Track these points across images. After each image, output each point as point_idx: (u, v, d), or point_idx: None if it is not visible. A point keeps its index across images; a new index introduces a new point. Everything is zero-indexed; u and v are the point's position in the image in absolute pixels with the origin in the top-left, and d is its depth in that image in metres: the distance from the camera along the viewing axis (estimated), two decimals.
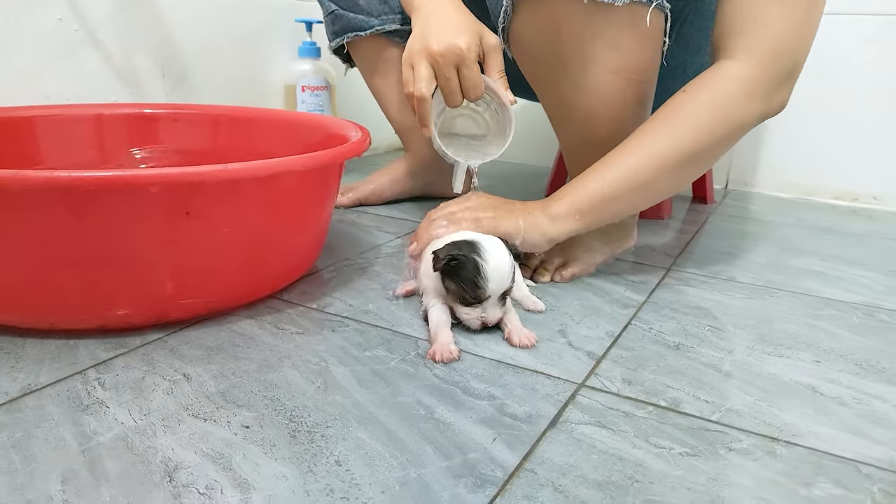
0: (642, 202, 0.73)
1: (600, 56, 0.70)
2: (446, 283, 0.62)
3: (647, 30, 0.68)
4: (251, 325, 0.62)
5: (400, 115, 1.11)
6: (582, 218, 0.71)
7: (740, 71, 0.67)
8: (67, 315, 0.57)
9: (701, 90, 0.69)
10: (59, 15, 0.91)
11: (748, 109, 0.68)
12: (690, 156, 0.69)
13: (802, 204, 1.26)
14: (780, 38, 0.67)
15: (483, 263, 0.59)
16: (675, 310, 0.70)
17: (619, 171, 0.70)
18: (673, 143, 0.69)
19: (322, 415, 0.48)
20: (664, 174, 0.69)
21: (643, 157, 0.69)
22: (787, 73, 0.68)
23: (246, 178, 0.56)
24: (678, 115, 0.69)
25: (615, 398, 0.52)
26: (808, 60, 0.68)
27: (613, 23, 0.67)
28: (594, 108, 0.74)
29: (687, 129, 0.69)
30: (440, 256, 0.60)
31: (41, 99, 0.90)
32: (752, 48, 0.67)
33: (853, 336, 0.65)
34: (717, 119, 0.68)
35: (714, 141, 0.69)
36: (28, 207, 0.51)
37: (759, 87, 0.68)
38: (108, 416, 0.47)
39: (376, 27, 1.02)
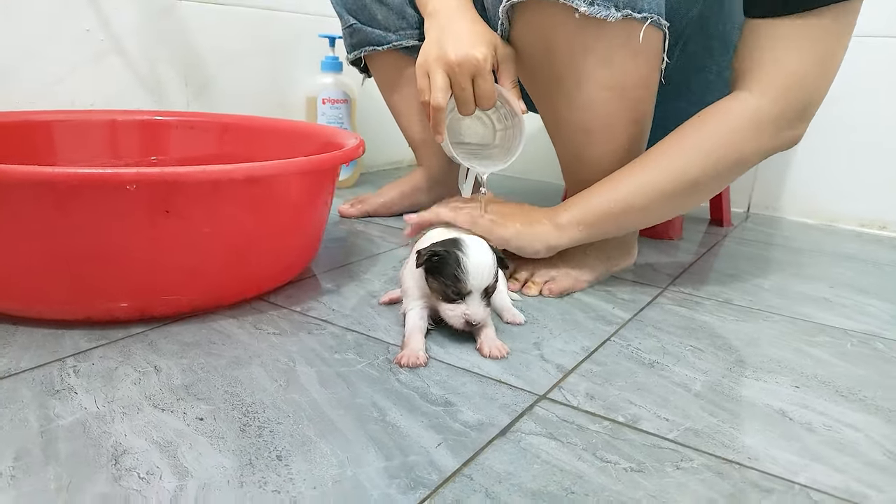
0: (644, 221, 0.76)
1: (593, 72, 0.70)
2: (430, 282, 0.62)
3: (640, 47, 0.68)
4: (231, 325, 0.64)
5: (414, 129, 1.13)
6: (585, 229, 0.73)
7: (753, 104, 0.68)
8: (54, 306, 0.60)
9: (713, 118, 0.71)
10: (87, 26, 0.96)
11: (755, 143, 0.69)
12: (694, 183, 0.71)
13: (826, 230, 1.22)
14: (796, 77, 0.67)
15: (464, 258, 0.59)
16: (660, 329, 0.69)
17: (626, 191, 0.72)
18: (678, 168, 0.71)
19: (276, 412, 0.49)
20: (667, 198, 0.72)
21: (650, 179, 0.71)
22: (801, 111, 0.69)
23: (224, 181, 0.58)
24: (688, 140, 0.71)
25: (573, 411, 0.52)
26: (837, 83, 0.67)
27: (606, 39, 0.68)
28: (588, 124, 0.74)
29: (694, 156, 0.70)
30: (422, 254, 0.61)
31: (66, 105, 0.95)
32: (768, 84, 0.68)
33: (841, 363, 0.63)
34: (723, 149, 0.70)
35: (719, 170, 0.71)
36: (15, 201, 0.54)
37: (769, 122, 0.69)
38: (74, 401, 0.49)
39: (394, 42, 1.04)
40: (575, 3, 0.64)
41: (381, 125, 1.47)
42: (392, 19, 1.04)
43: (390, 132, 1.39)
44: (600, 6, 0.64)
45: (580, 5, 0.64)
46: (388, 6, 1.01)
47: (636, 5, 0.65)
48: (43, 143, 0.84)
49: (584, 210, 0.73)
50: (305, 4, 1.30)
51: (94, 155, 0.88)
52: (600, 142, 0.75)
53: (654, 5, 0.67)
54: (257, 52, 1.24)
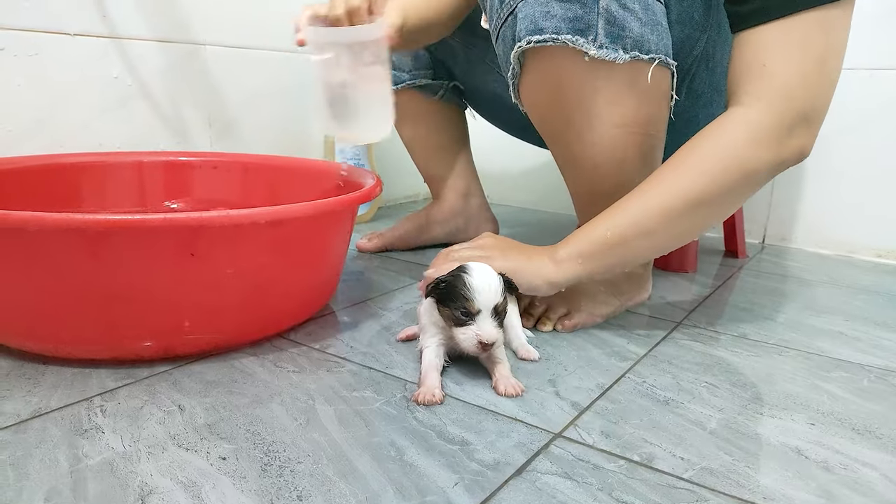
0: (648, 250, 0.73)
1: (603, 111, 0.72)
2: (441, 311, 0.63)
3: (649, 86, 0.70)
4: (252, 363, 0.66)
5: (428, 164, 1.15)
6: (585, 263, 0.70)
7: (747, 117, 0.66)
8: (83, 346, 0.62)
9: (708, 138, 0.69)
10: (115, 73, 1.01)
11: (755, 156, 0.66)
12: (696, 203, 0.68)
13: (842, 261, 1.21)
14: (788, 84, 0.65)
15: (468, 278, 0.61)
16: (675, 365, 0.70)
17: (624, 218, 0.70)
18: (678, 190, 0.68)
19: (296, 451, 0.51)
20: (670, 222, 0.69)
21: (648, 204, 0.69)
22: (799, 118, 0.66)
23: (246, 224, 0.60)
24: (684, 162, 0.69)
25: (589, 450, 0.52)
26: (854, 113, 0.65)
27: (615, 80, 0.69)
28: (599, 161, 0.75)
29: (692, 177, 0.68)
30: (429, 285, 0.62)
31: (94, 147, 0.99)
32: (759, 94, 0.66)
33: (857, 400, 0.63)
34: (722, 166, 0.67)
35: (721, 188, 0.68)
36: (49, 246, 0.56)
37: (766, 133, 0.66)
38: (102, 441, 0.51)
39: (407, 82, 1.08)
40: (584, 46, 0.66)
41: (396, 159, 1.49)
42: (406, 60, 1.08)
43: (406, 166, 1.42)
44: (608, 49, 0.66)
45: (589, 49, 0.66)
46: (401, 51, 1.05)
47: (643, 47, 0.67)
48: (72, 184, 0.88)
49: (582, 243, 0.71)
50: None
51: (122, 195, 0.92)
52: (611, 178, 0.76)
53: (661, 46, 0.69)
54: (277, 93, 1.27)
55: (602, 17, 0.66)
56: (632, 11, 0.66)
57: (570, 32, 0.66)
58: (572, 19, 0.66)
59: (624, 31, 0.66)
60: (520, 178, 1.64)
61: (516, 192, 1.65)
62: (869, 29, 1.16)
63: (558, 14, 0.66)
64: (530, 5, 0.68)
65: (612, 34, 0.66)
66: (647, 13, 0.67)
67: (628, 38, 0.67)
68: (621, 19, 0.66)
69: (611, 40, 0.66)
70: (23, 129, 0.92)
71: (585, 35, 0.66)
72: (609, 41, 0.66)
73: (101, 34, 0.99)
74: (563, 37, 0.66)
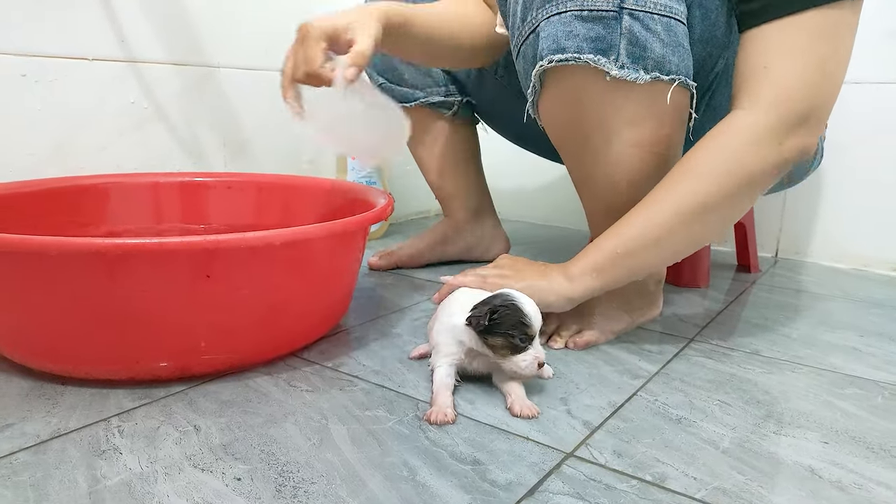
0: (658, 259, 0.74)
1: (622, 130, 0.72)
2: (491, 342, 0.63)
3: (668, 107, 0.70)
4: (266, 382, 0.67)
5: (440, 181, 1.16)
6: (599, 276, 0.72)
7: (748, 120, 0.68)
8: (101, 366, 0.63)
9: (710, 142, 0.70)
10: (132, 98, 1.03)
11: (757, 157, 0.67)
12: (702, 209, 0.69)
13: (857, 275, 1.20)
14: (786, 84, 0.66)
15: (521, 305, 0.62)
16: (687, 382, 0.69)
17: (634, 229, 0.71)
18: (683, 196, 0.69)
19: (310, 471, 0.51)
20: (678, 230, 0.70)
21: (655, 213, 0.70)
22: (801, 118, 0.67)
23: (261, 246, 0.61)
24: (688, 169, 0.70)
25: (601, 470, 0.52)
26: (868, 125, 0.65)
27: (635, 100, 0.70)
28: (615, 179, 0.76)
29: (696, 182, 0.69)
30: (477, 317, 0.62)
31: (112, 168, 1.01)
32: (757, 95, 0.67)
33: (872, 417, 0.63)
34: (725, 169, 0.68)
35: (726, 192, 0.69)
36: (69, 269, 0.57)
37: (766, 133, 0.67)
38: (119, 462, 0.52)
39: (420, 99, 1.09)
40: (606, 66, 0.67)
41: (407, 176, 1.51)
42: (419, 78, 1.09)
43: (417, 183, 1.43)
44: (630, 69, 0.67)
45: (611, 69, 0.67)
46: (415, 66, 1.07)
47: (664, 68, 0.68)
48: (91, 205, 0.89)
49: (594, 257, 0.72)
50: None
51: (140, 215, 0.93)
52: (627, 195, 0.76)
53: (682, 67, 0.69)
54: (287, 113, 1.29)
55: (624, 38, 0.66)
56: (654, 32, 0.67)
57: (592, 52, 0.67)
58: (595, 39, 0.67)
59: (646, 52, 0.67)
60: (531, 195, 1.65)
61: (527, 209, 1.66)
62: (882, 42, 1.16)
63: (581, 33, 0.67)
64: (553, 24, 0.68)
65: (634, 54, 0.67)
66: (669, 34, 0.68)
67: (650, 58, 0.67)
68: (643, 40, 0.66)
69: (632, 60, 0.67)
70: (43, 154, 0.94)
71: (607, 55, 0.67)
72: (630, 61, 0.67)
73: (119, 58, 1.01)
74: (585, 56, 0.67)
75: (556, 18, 0.68)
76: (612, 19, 0.66)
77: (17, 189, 0.84)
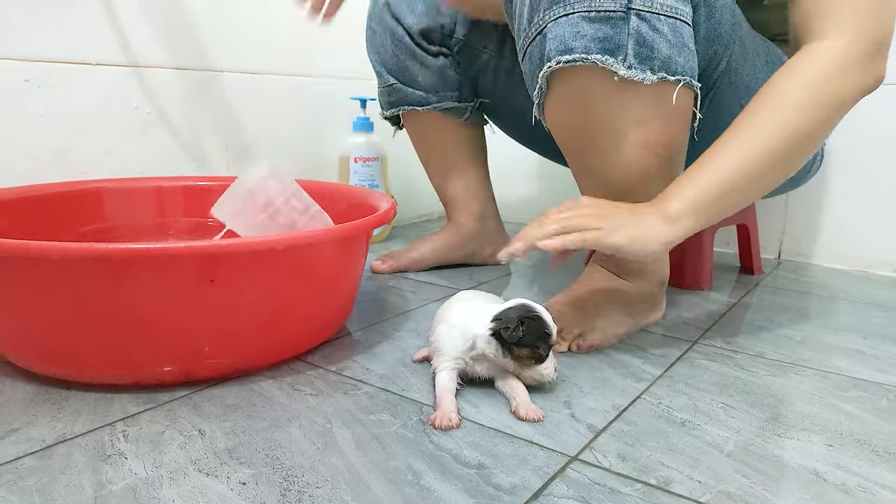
0: (753, 196, 0.73)
1: (628, 131, 0.72)
2: (518, 353, 0.63)
3: (673, 107, 0.70)
4: (270, 386, 0.67)
5: (445, 185, 1.16)
6: (697, 217, 0.68)
7: (834, 48, 0.68)
8: (105, 371, 0.63)
9: (794, 74, 0.69)
10: (135, 104, 1.03)
11: (844, 85, 0.68)
12: (796, 139, 0.68)
13: (860, 277, 1.20)
14: (865, 12, 0.68)
15: (542, 315, 0.63)
16: (691, 385, 0.69)
17: (729, 162, 0.68)
18: (777, 128, 0.68)
19: (315, 475, 0.51)
20: (774, 162, 0.68)
21: (751, 147, 0.68)
22: (878, 44, 0.68)
23: (265, 251, 0.61)
24: (777, 100, 0.69)
25: (605, 473, 0.52)
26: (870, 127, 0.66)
27: (641, 100, 0.70)
28: (620, 179, 0.76)
29: (789, 113, 0.68)
30: (508, 328, 0.62)
31: (116, 173, 1.01)
32: (841, 24, 0.68)
33: (876, 420, 0.62)
34: (816, 98, 0.68)
35: (818, 120, 0.68)
36: (74, 274, 0.58)
37: (853, 60, 0.68)
38: (124, 466, 0.52)
39: (434, 104, 1.08)
40: (614, 66, 0.67)
41: (409, 179, 1.51)
42: (433, 81, 1.07)
43: (419, 186, 1.43)
44: (637, 69, 0.67)
45: (619, 69, 0.67)
46: (429, 68, 1.05)
47: (670, 68, 0.68)
48: (95, 209, 0.90)
49: (693, 195, 0.68)
50: (336, 70, 1.36)
51: (143, 219, 0.94)
52: (631, 195, 0.76)
53: (687, 68, 0.69)
54: (291, 117, 1.30)
55: (632, 38, 0.67)
56: (661, 33, 0.67)
57: (599, 52, 0.67)
58: (602, 39, 0.67)
59: (653, 53, 0.67)
60: (534, 196, 1.65)
61: (530, 210, 1.66)
62: None
63: (588, 34, 0.67)
64: (560, 25, 0.68)
65: (641, 55, 0.67)
66: (675, 35, 0.68)
67: (656, 59, 0.67)
68: (650, 40, 0.67)
69: (639, 61, 0.67)
70: (46, 158, 0.95)
71: (615, 55, 0.67)
72: (637, 62, 0.67)
73: (122, 63, 1.01)
74: (592, 56, 0.67)
75: (564, 20, 0.68)
76: (619, 20, 0.66)
77: (20, 194, 0.84)
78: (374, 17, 1.07)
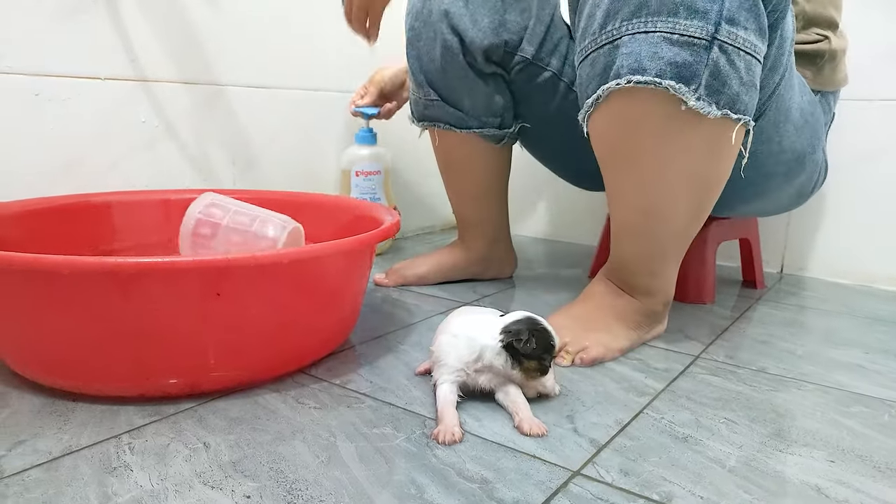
0: None
1: (676, 160, 0.71)
2: (527, 365, 0.64)
3: (728, 144, 0.69)
4: (275, 399, 0.67)
5: (463, 207, 1.13)
6: None
7: None
8: (112, 383, 0.64)
9: None
10: (143, 118, 1.05)
11: None
12: None
13: (862, 291, 1.21)
14: None
15: (548, 327, 0.65)
16: (693, 400, 0.70)
17: None
18: None
19: (319, 489, 0.51)
20: None
21: None
22: None
23: (270, 265, 0.62)
24: None
25: (607, 489, 0.53)
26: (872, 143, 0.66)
27: (698, 133, 0.69)
28: (656, 205, 0.75)
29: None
30: (521, 339, 0.63)
31: (123, 186, 1.02)
32: None
33: (879, 436, 0.63)
34: None
35: None
36: (82, 287, 0.58)
37: None
38: (130, 479, 0.52)
39: (474, 129, 1.01)
40: (686, 96, 0.65)
41: (412, 190, 1.52)
42: (478, 105, 0.99)
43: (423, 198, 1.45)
44: (704, 101, 0.65)
45: (689, 99, 0.65)
46: (478, 92, 0.98)
47: (735, 106, 0.67)
48: (102, 222, 0.91)
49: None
50: (340, 84, 1.37)
51: (150, 231, 0.94)
52: (662, 222, 0.76)
53: (750, 107, 0.69)
54: (296, 130, 1.31)
55: (708, 69, 0.65)
56: (736, 68, 0.66)
57: (674, 78, 0.65)
58: (680, 65, 0.64)
59: (724, 88, 0.66)
60: (537, 209, 1.65)
61: (533, 223, 1.67)
62: (884, 61, 1.17)
63: (666, 57, 0.64)
64: (638, 42, 0.65)
65: (712, 88, 0.65)
66: (748, 73, 0.67)
67: (725, 94, 0.66)
68: (725, 75, 0.65)
69: (708, 93, 0.65)
70: (54, 172, 0.96)
71: (689, 84, 0.65)
72: (706, 94, 0.65)
73: (130, 77, 1.03)
74: (666, 81, 0.65)
75: (643, 37, 0.65)
76: (702, 48, 0.64)
77: (29, 206, 0.85)
78: (422, 19, 0.96)
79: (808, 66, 0.95)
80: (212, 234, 0.84)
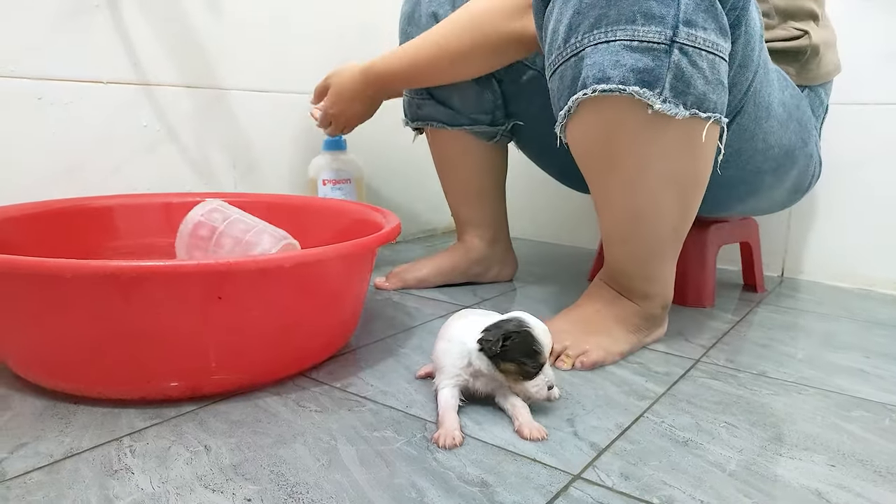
0: None
1: (652, 163, 0.72)
2: (503, 367, 0.63)
3: (701, 143, 0.70)
4: (275, 402, 0.67)
5: (461, 208, 1.14)
6: None
7: None
8: (113, 386, 0.64)
9: None
10: (144, 122, 1.05)
11: None
12: None
13: (861, 295, 1.21)
14: None
15: (533, 332, 0.62)
16: (694, 404, 0.70)
17: None
18: None
19: (319, 492, 0.52)
20: None
21: None
22: None
23: (272, 268, 0.62)
24: None
25: (608, 492, 0.53)
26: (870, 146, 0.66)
27: (670, 134, 0.69)
28: (639, 208, 0.76)
29: None
30: (489, 341, 0.62)
31: (126, 189, 1.03)
32: None
33: (879, 440, 0.63)
34: None
35: None
36: (84, 291, 0.58)
37: None
38: (131, 482, 0.52)
39: (465, 126, 1.05)
40: (650, 100, 0.66)
41: (412, 193, 1.52)
42: (468, 101, 1.04)
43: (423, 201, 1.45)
44: (671, 104, 0.66)
45: (654, 102, 0.66)
46: (467, 89, 1.02)
47: (703, 105, 0.68)
48: (104, 225, 0.91)
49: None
50: None
51: (152, 234, 0.95)
52: (649, 224, 0.77)
53: (719, 105, 0.69)
54: (296, 134, 1.31)
55: (671, 72, 0.66)
56: (699, 69, 0.66)
57: (637, 84, 0.66)
58: (642, 70, 0.66)
59: (689, 88, 0.67)
60: (537, 213, 1.66)
61: (533, 227, 1.67)
62: (883, 64, 1.17)
63: (628, 64, 0.66)
64: (600, 52, 0.67)
65: (677, 89, 0.66)
66: (712, 72, 0.68)
67: (691, 94, 0.67)
68: (688, 76, 0.66)
69: (674, 95, 0.66)
70: (56, 175, 0.96)
71: (653, 88, 0.66)
72: (672, 96, 0.66)
73: (132, 81, 1.03)
74: (630, 88, 0.66)
75: (604, 47, 0.67)
76: (662, 52, 0.65)
77: (32, 210, 0.86)
78: (414, 23, 1.02)
79: (790, 63, 0.95)
80: (208, 237, 0.85)
